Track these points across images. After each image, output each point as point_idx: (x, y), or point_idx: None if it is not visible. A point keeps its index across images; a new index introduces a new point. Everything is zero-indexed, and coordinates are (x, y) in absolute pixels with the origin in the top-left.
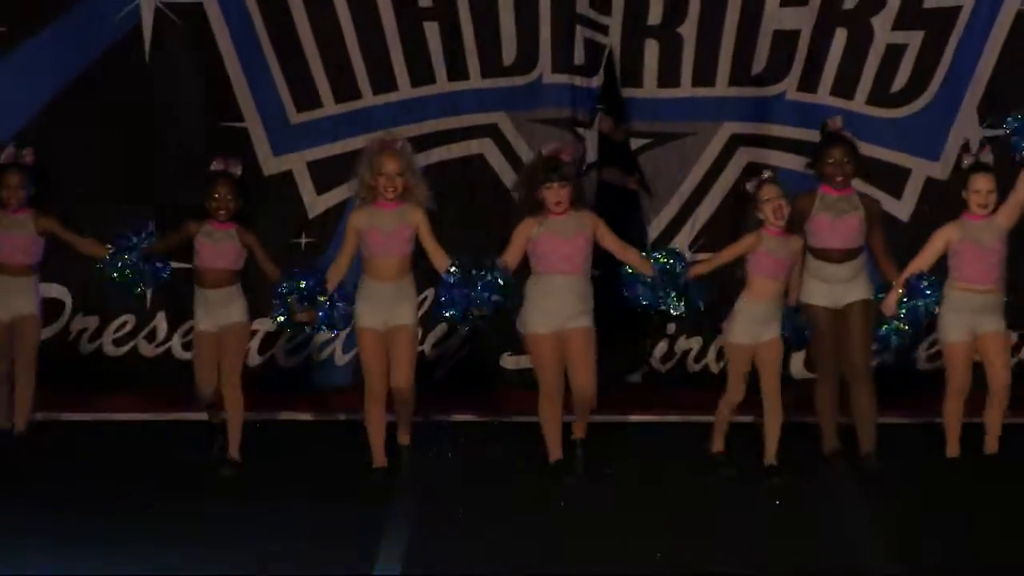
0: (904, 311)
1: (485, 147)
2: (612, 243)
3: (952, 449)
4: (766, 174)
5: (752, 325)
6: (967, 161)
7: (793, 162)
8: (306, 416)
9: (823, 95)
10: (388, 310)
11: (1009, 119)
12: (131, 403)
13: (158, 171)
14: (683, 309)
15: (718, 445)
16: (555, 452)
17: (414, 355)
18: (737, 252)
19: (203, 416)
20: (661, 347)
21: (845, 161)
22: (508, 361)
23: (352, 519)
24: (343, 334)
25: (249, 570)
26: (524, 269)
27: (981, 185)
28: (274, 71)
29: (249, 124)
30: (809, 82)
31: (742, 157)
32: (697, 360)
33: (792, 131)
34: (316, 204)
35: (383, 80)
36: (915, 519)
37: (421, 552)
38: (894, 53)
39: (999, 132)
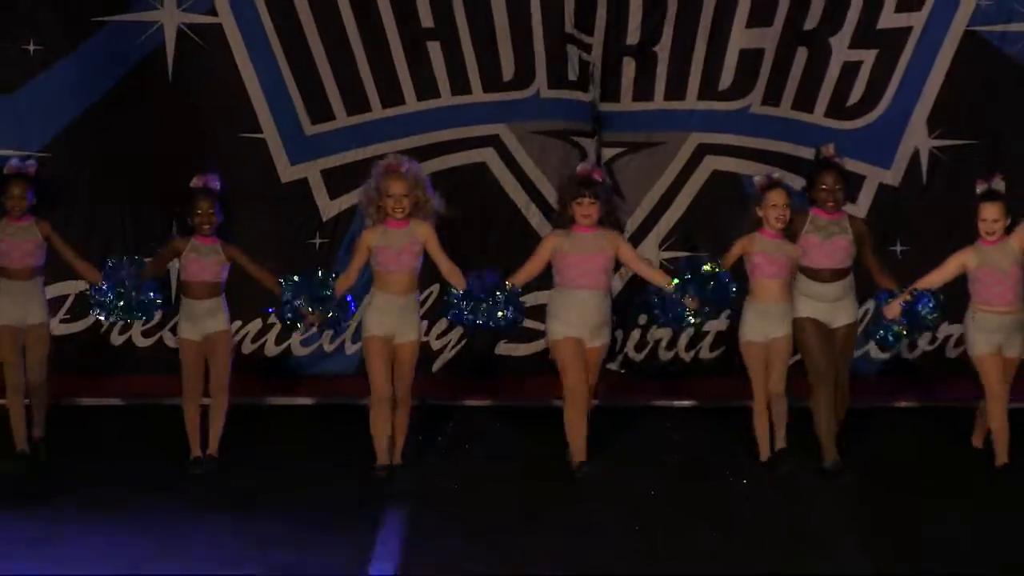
0: (906, 317)
1: (487, 155)
2: (632, 260)
3: (1001, 457)
4: (776, 174)
5: (762, 323)
6: (980, 188)
7: (754, 169)
8: (316, 400)
9: (785, 108)
10: (396, 322)
11: None
12: (157, 388)
13: (181, 180)
14: (700, 320)
15: (765, 453)
16: (579, 455)
17: (414, 366)
18: (735, 255)
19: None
20: (634, 336)
21: (837, 188)
22: (502, 348)
23: (350, 513)
24: (351, 328)
25: (247, 565)
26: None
27: (988, 214)
28: (290, 86)
29: (267, 135)
30: (772, 96)
31: (708, 164)
32: (669, 348)
33: (754, 141)
34: (330, 208)
35: (391, 94)
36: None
37: (417, 550)
38: (850, 70)
39: (947, 143)
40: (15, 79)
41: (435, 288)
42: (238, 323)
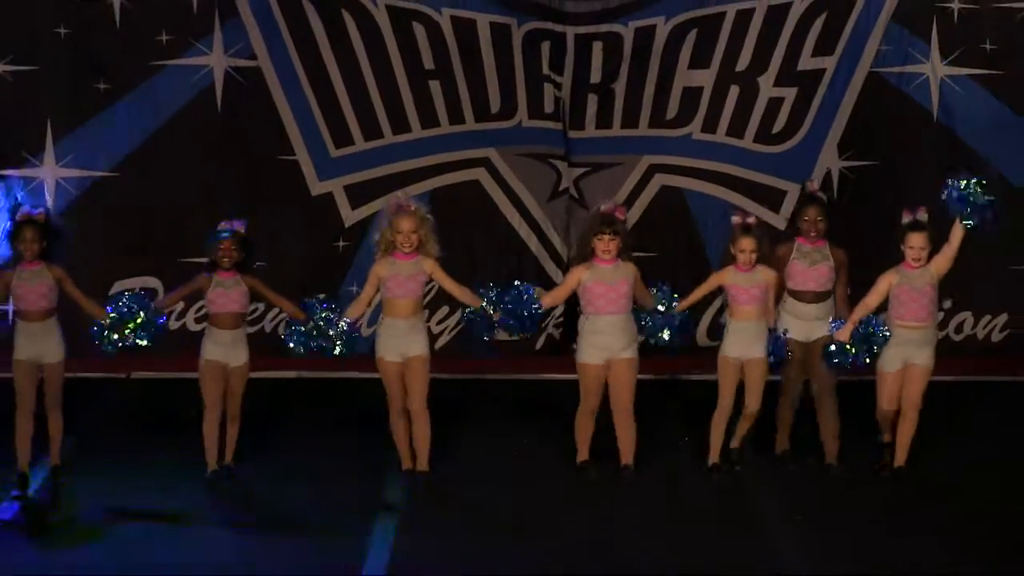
0: (855, 340)
1: (480, 174)
2: (639, 290)
3: (899, 459)
4: (750, 218)
5: (739, 341)
6: (906, 219)
7: (697, 185)
8: (332, 375)
9: (721, 135)
10: (404, 343)
11: (950, 188)
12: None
13: (227, 195)
14: (670, 339)
15: (714, 457)
16: (582, 454)
17: (427, 381)
18: (711, 286)
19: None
20: None
21: (818, 219)
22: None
23: (346, 511)
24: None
25: (243, 559)
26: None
27: (915, 243)
28: (317, 117)
29: (299, 157)
30: (710, 125)
31: (657, 181)
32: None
33: (695, 162)
34: (351, 217)
35: (399, 124)
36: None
37: (408, 549)
38: (774, 104)
39: (854, 164)
40: (88, 112)
41: (433, 284)
42: (276, 309)
